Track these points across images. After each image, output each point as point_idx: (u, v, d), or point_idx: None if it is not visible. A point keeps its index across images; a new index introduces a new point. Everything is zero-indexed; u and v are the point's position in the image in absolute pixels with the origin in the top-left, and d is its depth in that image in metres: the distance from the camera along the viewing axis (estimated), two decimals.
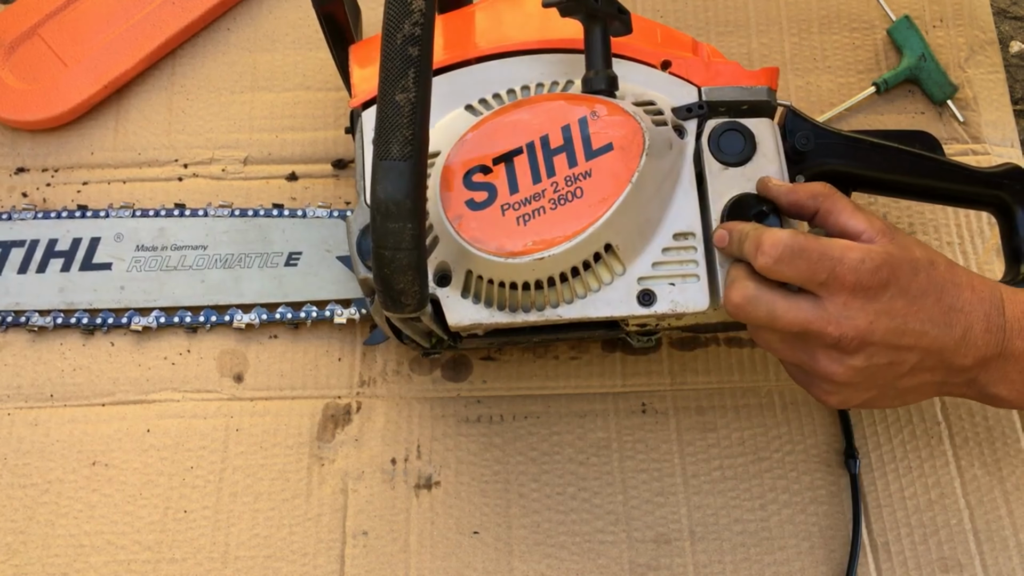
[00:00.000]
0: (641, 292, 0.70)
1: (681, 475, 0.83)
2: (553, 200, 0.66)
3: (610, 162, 0.66)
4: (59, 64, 0.95)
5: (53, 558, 0.80)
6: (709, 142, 0.71)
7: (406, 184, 0.56)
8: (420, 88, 0.57)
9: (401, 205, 0.56)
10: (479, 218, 0.66)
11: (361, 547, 0.80)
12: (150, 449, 0.84)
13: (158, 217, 0.88)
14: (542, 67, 0.73)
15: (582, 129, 0.67)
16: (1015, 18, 1.23)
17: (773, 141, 0.72)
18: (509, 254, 0.66)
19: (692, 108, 0.72)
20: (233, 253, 0.87)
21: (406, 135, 0.56)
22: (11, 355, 0.86)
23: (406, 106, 0.56)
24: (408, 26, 0.57)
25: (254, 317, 0.86)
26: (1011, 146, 0.95)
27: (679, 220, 0.70)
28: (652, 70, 0.73)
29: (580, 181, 0.66)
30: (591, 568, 0.80)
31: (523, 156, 0.67)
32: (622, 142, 0.67)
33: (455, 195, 0.66)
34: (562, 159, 0.67)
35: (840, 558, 0.80)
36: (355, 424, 0.84)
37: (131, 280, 0.86)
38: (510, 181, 0.67)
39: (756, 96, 0.73)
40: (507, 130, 0.67)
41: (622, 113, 0.67)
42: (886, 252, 0.63)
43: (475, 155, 0.67)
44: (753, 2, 1.01)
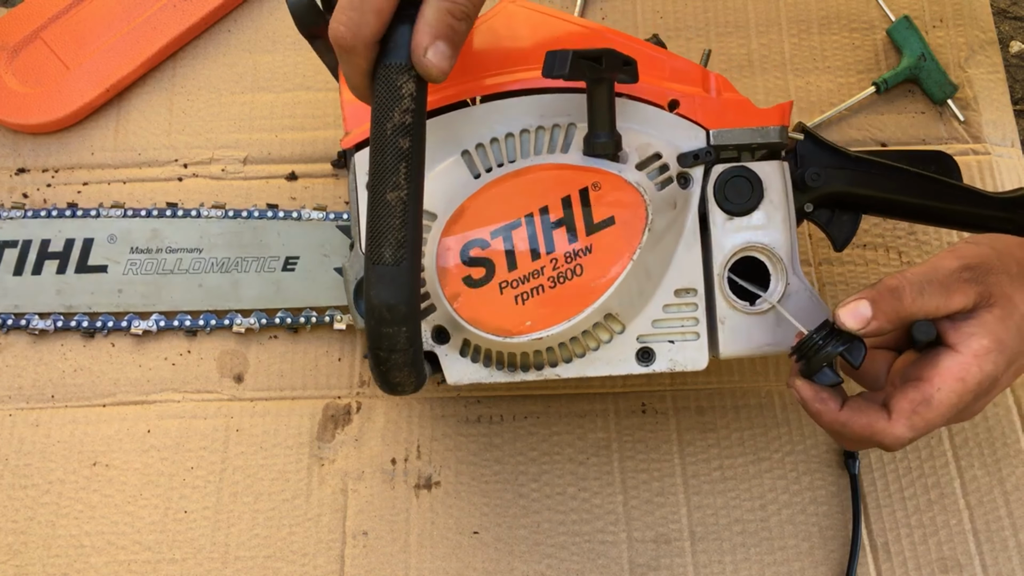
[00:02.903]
0: (640, 350, 0.69)
1: (681, 475, 0.83)
2: (552, 279, 0.65)
3: (611, 238, 0.65)
4: (61, 67, 0.95)
5: (54, 558, 0.80)
6: (715, 189, 0.69)
7: (399, 291, 0.55)
8: (412, 184, 0.54)
9: (395, 310, 0.55)
10: (477, 296, 0.65)
11: (361, 547, 0.80)
12: (151, 449, 0.84)
13: (150, 218, 0.88)
14: (542, 108, 0.68)
15: (583, 201, 0.65)
16: (1015, 18, 1.23)
17: (782, 185, 0.70)
18: (507, 333, 0.66)
19: (699, 155, 0.69)
20: (229, 257, 0.87)
21: (398, 238, 0.54)
22: (12, 356, 0.87)
23: (398, 206, 0.54)
24: (398, 114, 0.55)
25: (253, 321, 0.86)
26: (1011, 145, 0.95)
27: (681, 276, 0.69)
28: (659, 111, 0.69)
29: (580, 258, 0.65)
30: (591, 568, 0.80)
31: (522, 229, 0.65)
32: (624, 216, 0.65)
33: (452, 270, 0.65)
34: (561, 233, 0.65)
35: (840, 558, 0.80)
36: (355, 424, 0.84)
37: (128, 284, 0.86)
38: (508, 257, 0.65)
39: (767, 138, 0.70)
40: (505, 201, 0.65)
41: (625, 186, 0.65)
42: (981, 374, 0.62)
43: (472, 228, 0.65)
44: (753, 2, 1.01)
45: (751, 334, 0.70)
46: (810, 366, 0.65)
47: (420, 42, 0.56)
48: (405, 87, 0.56)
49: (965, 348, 0.62)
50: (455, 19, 0.57)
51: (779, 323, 0.70)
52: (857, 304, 0.63)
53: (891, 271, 0.89)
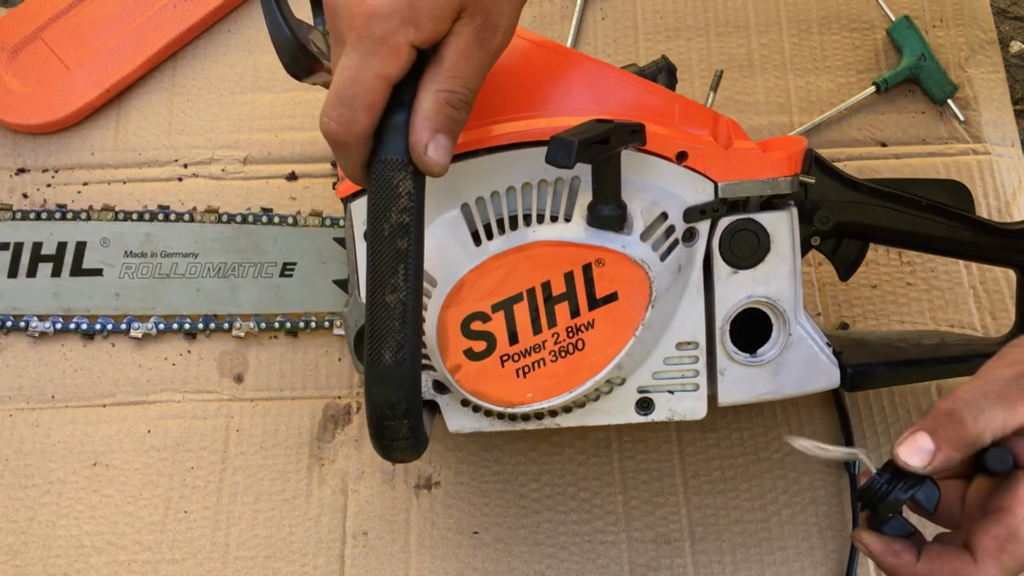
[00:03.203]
0: (640, 400, 0.69)
1: (681, 475, 0.83)
2: (554, 352, 0.64)
3: (614, 313, 0.64)
4: (62, 68, 0.95)
5: (54, 558, 0.80)
6: (720, 243, 0.67)
7: (400, 390, 0.54)
8: (411, 284, 0.53)
9: (396, 407, 0.54)
10: (478, 369, 0.64)
11: (361, 547, 0.80)
12: (151, 450, 0.84)
13: (142, 221, 0.87)
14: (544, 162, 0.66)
15: (586, 277, 0.63)
16: (1015, 18, 1.23)
17: (789, 237, 0.68)
18: (509, 404, 0.66)
19: (706, 209, 0.66)
20: (226, 262, 0.86)
21: (398, 339, 0.53)
22: (12, 356, 0.87)
23: (397, 307, 0.53)
24: (395, 214, 0.52)
25: (252, 326, 0.86)
26: (1011, 145, 0.95)
27: (683, 329, 0.68)
28: (667, 163, 0.65)
29: (582, 332, 0.64)
30: (591, 568, 0.80)
31: (523, 304, 0.63)
32: (628, 291, 0.64)
33: (452, 342, 0.64)
34: (564, 308, 0.64)
35: (840, 558, 0.80)
36: (355, 424, 0.84)
37: (125, 287, 0.86)
38: (509, 331, 0.64)
39: (776, 189, 0.67)
40: (507, 276, 0.63)
41: (629, 264, 0.63)
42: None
43: (473, 301, 0.63)
44: (753, 2, 1.01)
45: (751, 384, 0.70)
46: (877, 516, 0.58)
47: (419, 139, 0.53)
48: (402, 185, 0.53)
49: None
50: (454, 109, 0.54)
51: (778, 372, 0.70)
52: (916, 438, 0.56)
53: (891, 270, 0.90)
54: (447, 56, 0.54)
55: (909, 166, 0.95)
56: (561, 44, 0.72)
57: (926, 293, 0.89)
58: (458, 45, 0.54)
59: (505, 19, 0.55)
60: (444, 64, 0.53)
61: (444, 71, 0.53)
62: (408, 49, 0.52)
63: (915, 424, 0.57)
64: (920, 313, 0.89)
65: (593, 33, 1.00)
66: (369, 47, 0.52)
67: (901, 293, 0.89)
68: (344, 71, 0.53)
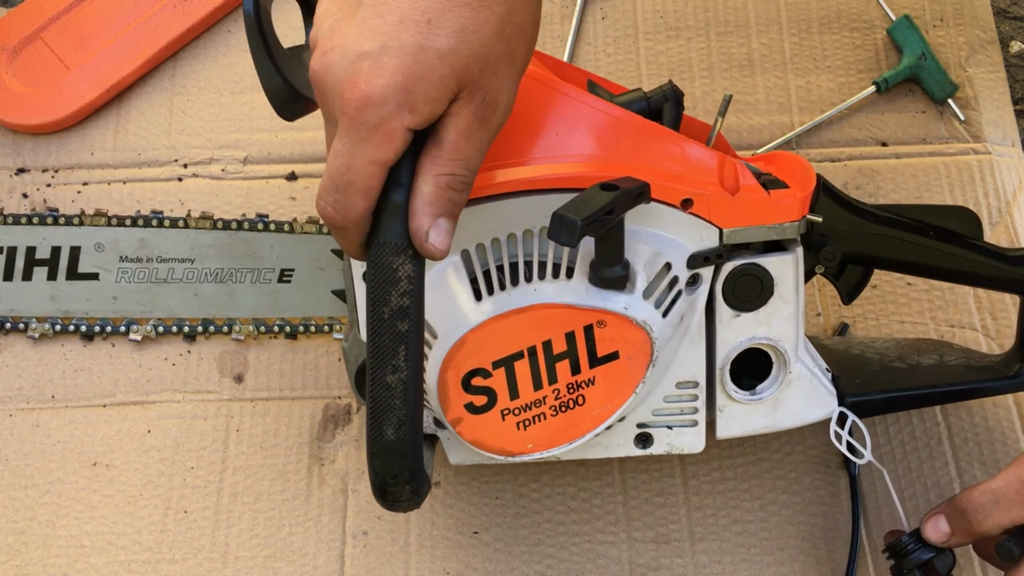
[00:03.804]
0: (639, 435, 0.70)
1: (681, 475, 0.83)
2: (554, 407, 0.64)
3: (615, 371, 0.63)
4: (62, 68, 0.95)
5: (54, 558, 0.80)
6: (723, 287, 0.66)
7: (402, 462, 0.54)
8: (412, 365, 0.52)
9: (399, 477, 0.55)
10: (479, 422, 0.64)
11: (361, 547, 0.80)
12: (151, 450, 0.84)
13: (135, 227, 0.86)
14: (548, 209, 0.62)
15: (587, 336, 0.63)
16: (1015, 18, 1.23)
17: (793, 280, 0.67)
18: (509, 454, 0.66)
19: (710, 256, 0.65)
20: (223, 268, 0.86)
21: (400, 417, 0.53)
22: (12, 356, 0.87)
23: (398, 387, 0.52)
24: (396, 298, 0.52)
25: (252, 329, 0.86)
26: (1012, 145, 0.95)
27: (683, 370, 0.68)
28: (671, 210, 0.63)
29: (583, 389, 0.64)
30: (591, 568, 0.80)
31: (524, 361, 0.63)
32: (629, 351, 0.63)
33: (453, 396, 0.64)
34: (564, 366, 0.63)
35: (840, 558, 0.80)
36: (355, 424, 0.84)
37: (122, 291, 0.86)
38: (510, 386, 0.64)
39: (783, 235, 0.66)
40: (508, 336, 0.63)
41: (631, 325, 0.62)
42: None
43: (474, 358, 0.63)
44: (753, 2, 1.01)
45: (749, 419, 0.71)
46: (900, 569, 0.71)
47: (420, 225, 0.51)
48: (402, 269, 0.52)
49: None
50: (455, 191, 0.52)
51: (777, 407, 0.71)
52: (937, 520, 0.69)
53: None
54: (446, 138, 0.52)
55: (909, 166, 0.95)
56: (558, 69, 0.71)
57: (926, 293, 0.89)
58: (457, 126, 0.52)
59: (504, 97, 0.53)
60: (444, 146, 0.52)
61: (444, 154, 0.52)
62: (404, 133, 0.50)
63: (940, 505, 0.69)
64: (920, 313, 0.89)
65: (593, 33, 1.00)
66: (363, 134, 0.50)
67: (901, 293, 0.89)
68: (337, 157, 0.51)
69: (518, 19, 0.53)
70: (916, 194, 0.93)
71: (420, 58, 0.50)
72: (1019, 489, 0.65)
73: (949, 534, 0.68)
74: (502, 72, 0.53)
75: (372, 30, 0.50)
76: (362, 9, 0.51)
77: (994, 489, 0.66)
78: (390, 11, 0.50)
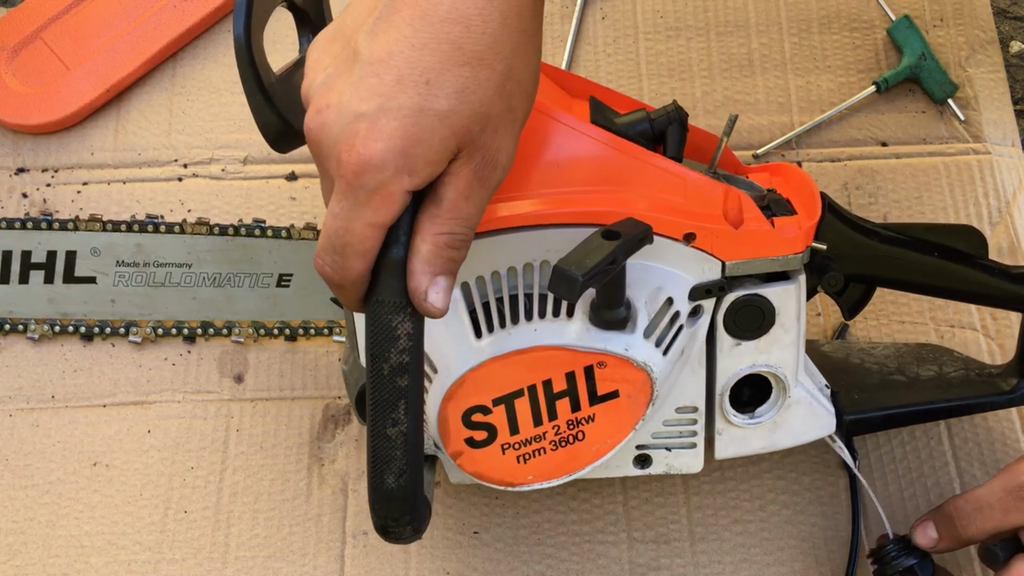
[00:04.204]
0: (638, 456, 0.71)
1: (681, 476, 0.83)
2: (554, 442, 0.65)
3: (615, 408, 0.64)
4: (61, 68, 0.95)
5: (54, 559, 0.80)
6: (725, 317, 0.66)
7: (403, 508, 0.55)
8: (412, 417, 0.53)
9: (400, 520, 0.55)
10: (479, 455, 0.65)
11: (361, 547, 0.80)
12: (151, 450, 0.84)
13: (131, 232, 0.85)
14: (547, 244, 0.63)
15: (587, 376, 0.63)
16: (1015, 18, 1.23)
17: (795, 310, 0.67)
18: (509, 485, 0.66)
19: (712, 289, 0.65)
20: (220, 272, 0.86)
21: (399, 466, 0.53)
22: (12, 356, 0.87)
23: (398, 439, 0.53)
24: (395, 354, 0.52)
25: (251, 331, 0.86)
26: (1012, 145, 0.95)
27: (683, 396, 0.68)
28: (674, 244, 0.63)
29: (582, 425, 0.64)
30: (591, 568, 0.80)
31: (524, 399, 0.63)
32: (629, 390, 0.64)
33: (453, 431, 0.64)
34: (564, 403, 0.64)
35: (840, 559, 0.80)
36: (355, 424, 0.84)
37: (120, 295, 0.86)
38: (510, 422, 0.64)
39: (787, 266, 0.65)
40: (507, 375, 0.63)
41: (631, 366, 0.63)
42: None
43: (474, 396, 0.63)
44: (753, 2, 1.01)
45: (747, 441, 0.72)
46: (883, 573, 0.74)
47: (419, 285, 0.51)
48: (401, 327, 0.52)
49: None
50: (455, 250, 0.52)
51: (775, 429, 0.71)
52: (927, 526, 0.72)
53: None
54: (445, 197, 0.51)
55: (909, 166, 0.95)
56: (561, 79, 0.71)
57: None
58: (457, 186, 0.51)
59: (504, 154, 0.53)
60: (443, 205, 0.51)
61: (443, 213, 0.51)
62: (403, 196, 0.50)
63: (929, 512, 0.72)
64: (920, 313, 0.89)
65: (593, 33, 1.00)
66: (361, 198, 0.50)
67: (901, 293, 0.89)
68: (335, 219, 0.51)
69: (518, 76, 0.52)
70: (916, 194, 0.93)
71: (419, 120, 0.49)
72: (1002, 498, 0.67)
73: (937, 539, 0.71)
74: (502, 130, 0.52)
75: (369, 90, 0.49)
76: (358, 67, 0.50)
77: (978, 497, 0.68)
78: (387, 71, 0.49)
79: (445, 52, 0.49)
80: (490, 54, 0.50)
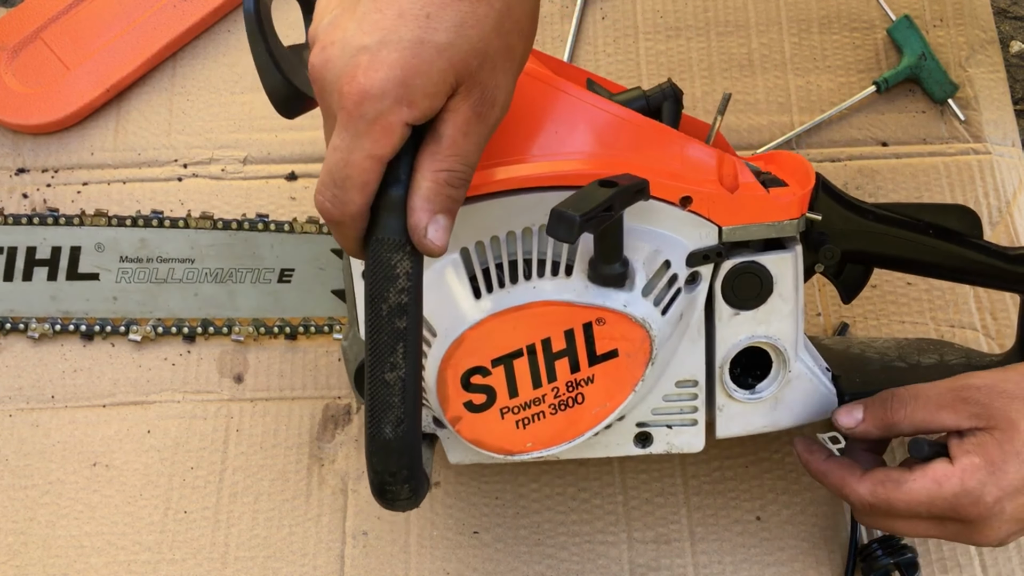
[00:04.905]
0: (638, 434, 0.70)
1: (681, 475, 0.83)
2: (553, 406, 0.64)
3: (614, 369, 0.63)
4: (61, 68, 0.95)
5: (54, 559, 0.80)
6: (723, 285, 0.66)
7: (400, 459, 0.54)
8: (410, 362, 0.52)
9: (397, 475, 0.55)
10: (478, 420, 0.64)
11: (361, 547, 0.80)
12: (150, 450, 0.84)
13: (136, 227, 0.86)
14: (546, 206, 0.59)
15: (586, 335, 0.63)
16: (1015, 18, 1.23)
17: (793, 278, 0.67)
18: (508, 453, 0.66)
19: (709, 254, 0.65)
20: (223, 267, 0.86)
21: (398, 415, 0.53)
22: (12, 357, 0.87)
23: (396, 384, 0.52)
24: (394, 294, 0.52)
25: (252, 330, 0.86)
26: (1012, 145, 0.95)
27: (683, 368, 0.68)
28: (670, 208, 0.63)
29: (582, 387, 0.64)
30: (591, 568, 0.80)
31: (523, 359, 0.63)
32: (628, 349, 0.63)
33: (452, 394, 0.64)
34: (564, 364, 0.63)
35: (840, 559, 0.80)
36: (355, 424, 0.84)
37: (122, 291, 0.86)
38: (509, 385, 0.64)
39: (782, 232, 0.66)
40: (506, 333, 0.62)
41: (630, 323, 0.62)
42: None
43: (473, 356, 0.63)
44: (753, 2, 1.01)
45: (749, 418, 0.71)
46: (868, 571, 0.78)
47: (419, 221, 0.51)
48: (400, 266, 0.52)
49: (956, 460, 0.64)
50: (454, 188, 0.52)
51: (776, 406, 0.71)
52: (852, 408, 0.70)
53: None
54: (445, 133, 0.52)
55: (910, 166, 0.95)
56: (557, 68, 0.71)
57: (926, 293, 0.89)
58: (455, 122, 0.52)
59: (502, 92, 0.53)
60: (442, 142, 0.52)
61: (442, 149, 0.52)
62: (402, 128, 0.50)
63: (863, 400, 0.70)
64: (920, 313, 0.89)
65: (593, 33, 1.00)
66: (361, 128, 0.50)
67: (901, 293, 0.89)
68: (335, 152, 0.51)
69: (516, 15, 0.53)
70: (916, 194, 0.93)
71: (418, 52, 0.50)
72: (942, 392, 0.66)
73: (860, 420, 0.69)
74: (500, 68, 0.53)
75: (371, 24, 0.50)
76: (361, 4, 0.51)
77: (919, 387, 0.68)
78: (389, 6, 0.50)
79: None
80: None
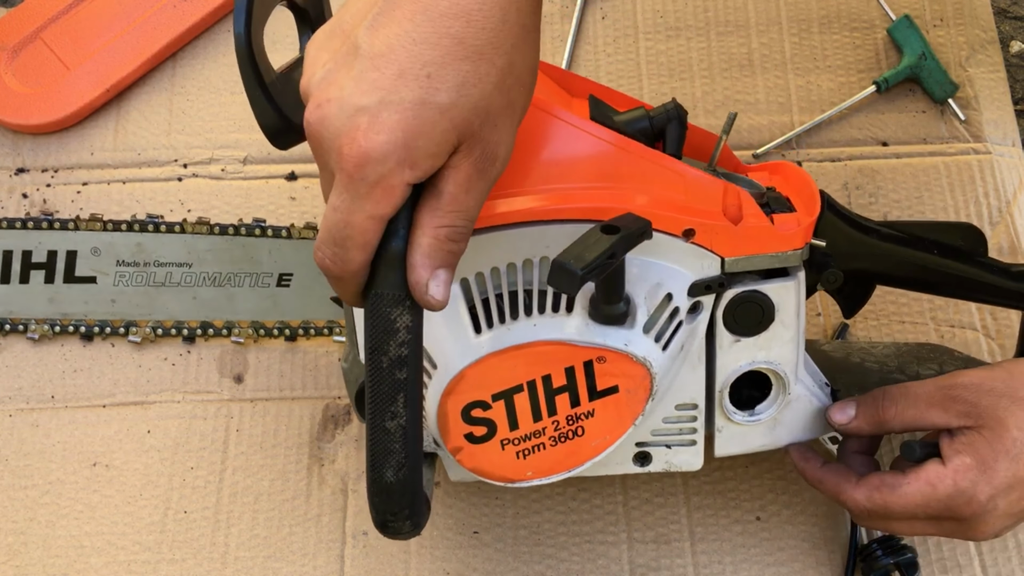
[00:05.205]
0: (638, 454, 0.70)
1: (681, 475, 0.83)
2: (553, 438, 0.65)
3: (614, 403, 0.64)
4: (61, 68, 0.95)
5: (54, 559, 0.80)
6: (724, 314, 0.66)
7: (402, 502, 0.55)
8: (411, 410, 0.53)
9: (399, 515, 0.55)
10: (479, 451, 0.65)
11: (361, 547, 0.80)
12: (150, 450, 0.84)
13: (132, 232, 0.85)
14: (547, 240, 0.62)
15: (587, 371, 0.63)
16: (1015, 18, 1.23)
17: (795, 305, 0.66)
18: (509, 481, 0.66)
19: (711, 285, 0.64)
20: (221, 272, 0.86)
21: (399, 460, 0.53)
22: (12, 357, 0.87)
23: (397, 432, 0.53)
24: (394, 347, 0.52)
25: (251, 331, 0.86)
26: (1012, 145, 0.95)
27: (683, 392, 0.68)
28: (673, 240, 0.62)
29: (582, 420, 0.64)
30: (591, 568, 0.80)
31: (523, 394, 0.63)
32: (628, 385, 0.63)
33: (453, 427, 0.64)
34: (564, 398, 0.63)
35: (840, 559, 0.80)
36: (355, 424, 0.84)
37: (120, 294, 0.86)
38: (510, 418, 0.64)
39: (786, 262, 0.65)
40: (507, 370, 0.63)
41: (630, 361, 0.62)
42: None
43: (474, 391, 0.63)
44: (753, 2, 1.01)
45: (747, 438, 0.71)
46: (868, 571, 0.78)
47: (420, 278, 0.51)
48: (400, 320, 0.52)
49: (948, 461, 0.64)
50: (454, 243, 0.52)
51: (775, 427, 0.71)
52: (846, 404, 0.70)
53: None
54: (445, 190, 0.51)
55: (910, 165, 0.95)
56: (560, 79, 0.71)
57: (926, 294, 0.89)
58: (457, 179, 0.51)
59: (503, 147, 0.53)
60: (443, 198, 0.51)
61: (443, 205, 0.51)
62: (404, 188, 0.50)
63: (855, 397, 0.71)
64: (920, 313, 0.89)
65: (593, 33, 1.00)
66: (362, 190, 0.50)
67: (901, 293, 0.89)
68: (336, 212, 0.51)
69: (518, 70, 0.52)
70: (916, 194, 0.93)
71: (420, 113, 0.49)
72: (932, 391, 0.67)
73: (853, 417, 0.69)
74: (501, 124, 0.52)
75: (370, 84, 0.49)
76: (358, 61, 0.50)
77: (909, 386, 0.68)
78: (388, 65, 0.49)
79: (446, 46, 0.49)
80: (490, 49, 0.50)
